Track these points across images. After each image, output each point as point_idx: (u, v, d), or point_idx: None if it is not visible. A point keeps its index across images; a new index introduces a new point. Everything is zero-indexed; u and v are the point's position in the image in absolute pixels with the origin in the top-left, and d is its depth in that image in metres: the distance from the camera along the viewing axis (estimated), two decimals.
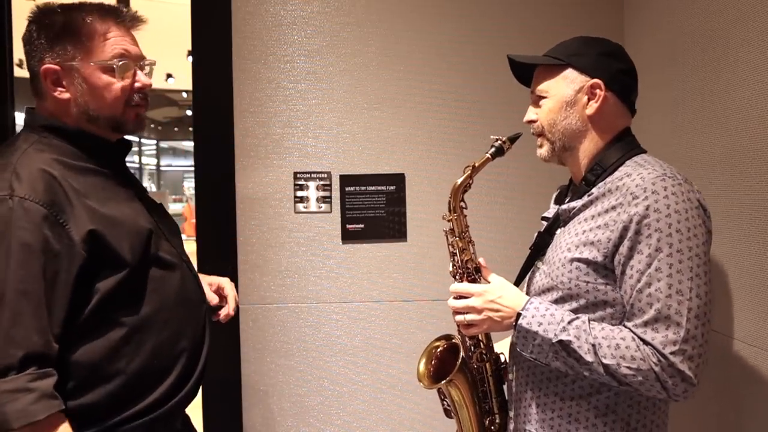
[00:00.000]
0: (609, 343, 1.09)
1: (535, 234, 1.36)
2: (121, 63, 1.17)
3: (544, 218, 1.37)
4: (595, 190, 1.20)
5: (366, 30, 2.03)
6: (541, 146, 1.28)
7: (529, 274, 1.34)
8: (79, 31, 1.16)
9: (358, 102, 2.03)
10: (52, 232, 1.05)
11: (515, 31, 2.03)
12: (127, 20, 1.21)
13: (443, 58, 2.04)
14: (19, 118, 1.27)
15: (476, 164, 1.28)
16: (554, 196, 1.43)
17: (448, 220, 1.33)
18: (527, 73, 1.31)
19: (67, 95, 1.17)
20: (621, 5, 2.06)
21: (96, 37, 1.17)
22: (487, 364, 1.36)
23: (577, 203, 1.23)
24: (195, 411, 1.56)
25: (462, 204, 1.31)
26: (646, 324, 1.08)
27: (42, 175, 1.08)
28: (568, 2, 2.06)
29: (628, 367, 1.07)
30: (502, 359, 1.39)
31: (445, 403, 1.42)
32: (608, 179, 1.19)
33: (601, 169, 1.21)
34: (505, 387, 1.39)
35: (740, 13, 1.40)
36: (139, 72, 1.22)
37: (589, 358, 1.10)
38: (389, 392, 2.06)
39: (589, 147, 1.24)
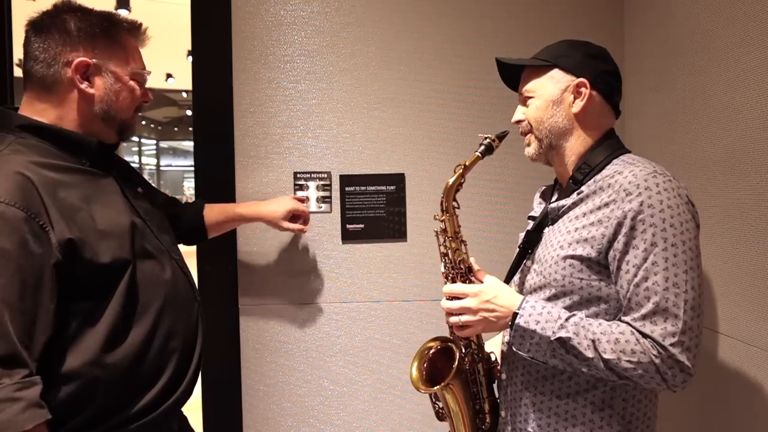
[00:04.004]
0: (608, 338, 1.09)
1: (523, 233, 1.36)
2: (147, 75, 1.27)
3: (530, 218, 1.38)
4: (584, 188, 1.21)
5: (366, 30, 2.03)
6: (528, 144, 1.30)
7: (519, 273, 1.33)
8: (117, 38, 1.23)
9: (358, 102, 2.03)
10: (32, 236, 1.02)
11: (515, 31, 2.03)
12: (141, 37, 1.30)
13: (443, 58, 2.04)
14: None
15: (467, 163, 1.28)
16: (537, 196, 1.44)
17: (441, 221, 1.31)
18: (517, 76, 1.33)
19: (92, 91, 1.19)
20: (621, 5, 2.06)
21: (130, 49, 1.25)
22: (480, 365, 1.35)
23: (567, 201, 1.24)
24: (195, 411, 1.56)
25: (455, 204, 1.30)
26: (644, 317, 1.08)
27: (17, 179, 1.05)
28: (568, 2, 2.06)
29: (629, 361, 1.07)
30: (493, 358, 1.38)
31: (437, 405, 1.40)
32: (597, 177, 1.20)
33: (588, 167, 1.23)
34: (494, 386, 1.38)
35: (740, 14, 1.40)
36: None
37: (589, 353, 1.10)
38: (389, 392, 2.06)
39: (575, 146, 1.25)
